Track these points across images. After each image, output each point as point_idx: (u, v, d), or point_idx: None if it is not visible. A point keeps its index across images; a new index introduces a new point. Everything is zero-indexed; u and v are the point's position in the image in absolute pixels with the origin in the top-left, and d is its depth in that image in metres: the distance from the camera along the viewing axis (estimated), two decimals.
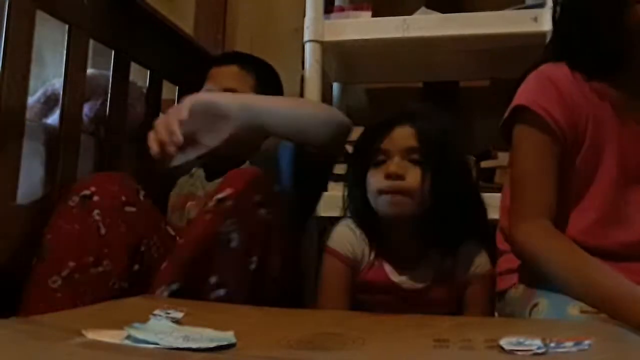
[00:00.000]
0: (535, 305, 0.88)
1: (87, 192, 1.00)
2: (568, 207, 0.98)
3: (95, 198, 1.00)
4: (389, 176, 1.04)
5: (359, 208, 1.11)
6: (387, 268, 1.09)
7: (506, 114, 1.00)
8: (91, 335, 0.57)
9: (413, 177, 1.04)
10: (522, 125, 0.97)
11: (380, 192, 1.05)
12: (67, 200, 1.00)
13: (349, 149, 1.23)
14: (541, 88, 0.97)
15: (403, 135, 1.07)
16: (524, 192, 0.95)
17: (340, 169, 1.29)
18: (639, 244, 0.96)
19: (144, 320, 0.63)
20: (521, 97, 0.97)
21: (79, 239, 0.97)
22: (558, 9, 1.01)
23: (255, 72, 1.32)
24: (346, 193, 1.16)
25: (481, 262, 1.08)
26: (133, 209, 1.03)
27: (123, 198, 1.02)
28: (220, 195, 0.96)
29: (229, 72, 1.31)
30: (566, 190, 0.97)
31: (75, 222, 0.98)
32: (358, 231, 1.10)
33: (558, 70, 0.98)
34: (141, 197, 1.08)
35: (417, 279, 1.08)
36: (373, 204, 1.08)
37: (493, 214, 1.10)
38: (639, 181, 0.98)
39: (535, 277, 0.94)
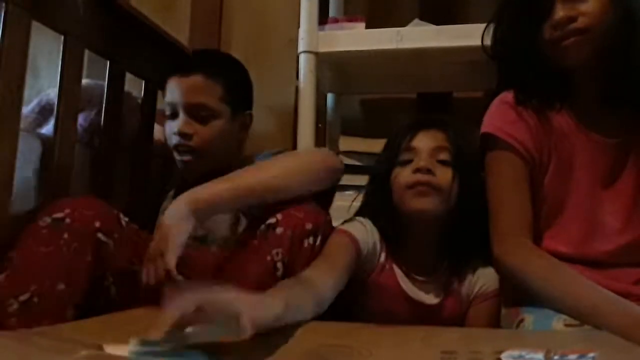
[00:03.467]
0: (521, 321, 0.90)
1: (60, 214, 0.95)
2: (548, 222, 1.00)
3: (67, 221, 0.95)
4: (418, 170, 1.03)
5: (379, 206, 1.09)
6: (398, 272, 1.07)
7: (479, 139, 1.05)
8: (110, 349, 0.57)
9: (443, 175, 1.03)
10: (492, 152, 1.02)
11: (408, 186, 1.03)
12: (38, 219, 0.96)
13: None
14: (504, 114, 1.02)
15: (432, 136, 1.07)
16: (501, 214, 0.99)
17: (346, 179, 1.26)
18: (619, 250, 0.97)
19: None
20: (487, 125, 1.03)
21: (43, 261, 0.92)
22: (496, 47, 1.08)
23: (223, 80, 1.22)
24: (367, 191, 1.15)
25: (488, 281, 1.07)
26: (107, 239, 0.99)
27: (97, 224, 0.97)
28: (271, 221, 0.98)
29: (194, 84, 1.19)
30: (543, 206, 1.00)
31: (43, 244, 0.93)
32: (369, 226, 1.08)
33: (515, 96, 1.03)
34: (123, 224, 1.04)
35: (428, 293, 1.07)
36: (397, 201, 1.05)
37: None
38: (612, 189, 0.99)
39: (518, 294, 0.96)
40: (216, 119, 1.20)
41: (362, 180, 1.25)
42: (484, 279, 1.07)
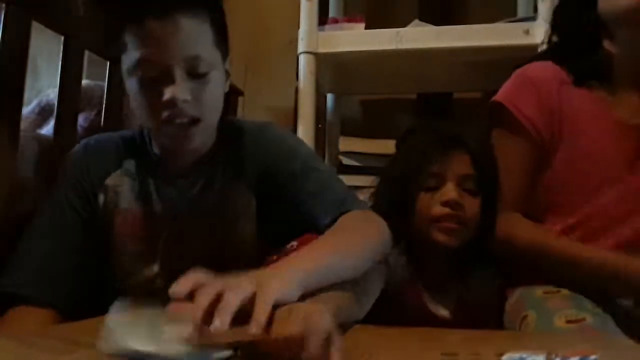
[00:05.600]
0: (524, 317, 0.90)
1: None
2: (557, 202, 1.03)
3: None
4: (447, 204, 0.99)
5: (400, 230, 0.97)
6: (421, 290, 1.04)
7: (489, 105, 1.07)
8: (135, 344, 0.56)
9: (471, 207, 1.00)
10: (501, 125, 1.04)
11: (436, 219, 0.99)
12: None
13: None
14: (519, 87, 1.04)
15: (459, 161, 1.01)
16: (505, 187, 1.02)
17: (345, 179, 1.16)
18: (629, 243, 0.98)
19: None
20: (499, 94, 1.04)
21: None
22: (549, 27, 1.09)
23: (211, 15, 0.90)
24: (386, 212, 1.00)
25: (495, 289, 1.07)
26: None
27: None
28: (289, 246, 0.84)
29: (186, 30, 0.85)
30: (553, 185, 1.03)
31: None
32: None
33: (541, 70, 1.03)
34: None
35: (446, 307, 1.05)
36: (421, 229, 1.01)
37: None
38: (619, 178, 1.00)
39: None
40: (212, 73, 0.89)
41: (361, 180, 1.25)
42: (493, 288, 1.07)
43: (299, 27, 1.55)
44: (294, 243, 0.84)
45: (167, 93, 0.84)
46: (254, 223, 0.97)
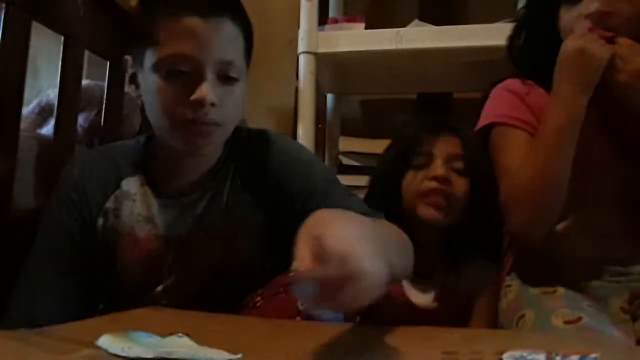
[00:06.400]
0: (522, 316, 0.90)
1: None
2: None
3: None
4: (435, 178, 1.02)
5: (386, 206, 0.99)
6: (406, 282, 1.04)
7: (477, 128, 1.06)
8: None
9: (459, 186, 1.03)
10: (498, 138, 1.02)
11: (423, 193, 1.03)
12: None
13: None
14: (505, 101, 1.04)
15: (447, 142, 1.06)
16: (508, 170, 0.98)
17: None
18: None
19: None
20: (491, 115, 1.04)
21: None
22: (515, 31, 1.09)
23: (245, 26, 0.91)
24: (373, 188, 1.10)
25: (487, 279, 1.07)
26: None
27: None
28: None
29: (224, 33, 0.85)
30: None
31: None
32: None
33: (515, 83, 1.05)
34: None
35: (428, 295, 1.06)
36: (408, 205, 1.04)
37: None
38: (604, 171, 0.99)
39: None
40: (238, 82, 0.88)
41: (361, 180, 1.25)
42: (484, 277, 1.07)
43: (299, 27, 1.54)
44: None
45: (198, 92, 0.82)
46: (262, 237, 0.94)
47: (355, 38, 1.54)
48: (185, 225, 0.92)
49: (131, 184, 0.93)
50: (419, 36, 1.50)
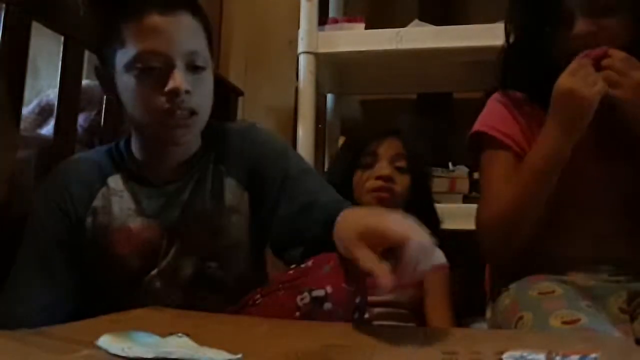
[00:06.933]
0: (520, 318, 0.91)
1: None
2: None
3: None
4: (380, 177, 1.19)
5: None
6: None
7: (468, 138, 1.07)
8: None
9: (402, 182, 1.22)
10: (486, 150, 1.05)
11: (370, 190, 1.19)
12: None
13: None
14: (496, 113, 1.05)
15: (391, 144, 1.24)
16: (487, 193, 1.02)
17: None
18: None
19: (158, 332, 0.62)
20: (481, 124, 1.06)
21: None
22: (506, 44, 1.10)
23: (204, 19, 0.94)
24: None
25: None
26: None
27: None
28: (316, 294, 0.77)
29: (186, 26, 0.89)
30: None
31: None
32: None
33: (509, 96, 1.05)
34: None
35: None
36: (357, 200, 1.18)
37: None
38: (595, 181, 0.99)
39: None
40: (206, 70, 0.93)
41: None
42: None
43: (299, 27, 1.55)
44: (309, 263, 0.83)
45: (172, 82, 0.86)
46: (248, 217, 0.98)
47: (355, 38, 1.54)
48: (175, 211, 0.96)
49: (116, 181, 0.97)
50: (419, 36, 1.50)
